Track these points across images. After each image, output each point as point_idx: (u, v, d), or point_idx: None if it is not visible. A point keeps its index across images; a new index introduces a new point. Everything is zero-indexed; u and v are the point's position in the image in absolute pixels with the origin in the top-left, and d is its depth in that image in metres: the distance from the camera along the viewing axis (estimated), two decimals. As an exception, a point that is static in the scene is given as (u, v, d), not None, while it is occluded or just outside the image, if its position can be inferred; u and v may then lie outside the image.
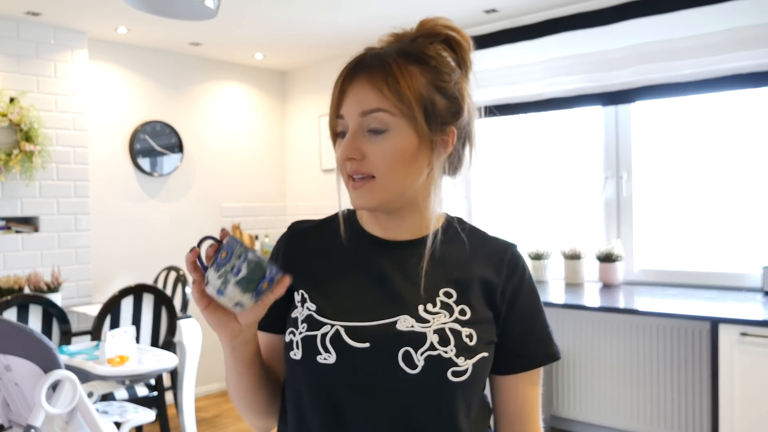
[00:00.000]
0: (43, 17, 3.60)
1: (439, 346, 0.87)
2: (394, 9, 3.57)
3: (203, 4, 1.98)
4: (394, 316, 0.90)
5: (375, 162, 0.90)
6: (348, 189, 0.93)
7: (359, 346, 0.88)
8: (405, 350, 0.87)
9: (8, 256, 3.60)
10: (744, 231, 3.30)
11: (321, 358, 0.89)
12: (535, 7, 3.59)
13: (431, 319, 0.90)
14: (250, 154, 4.94)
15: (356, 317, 0.91)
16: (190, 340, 3.56)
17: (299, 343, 0.91)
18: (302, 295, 0.95)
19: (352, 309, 0.92)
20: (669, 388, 3.29)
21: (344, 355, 0.88)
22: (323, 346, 0.89)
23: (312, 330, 0.91)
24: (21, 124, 3.51)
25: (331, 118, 0.94)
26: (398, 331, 0.89)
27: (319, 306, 0.93)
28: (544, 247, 3.73)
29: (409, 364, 0.87)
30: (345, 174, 0.93)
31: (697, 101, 3.38)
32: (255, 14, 3.66)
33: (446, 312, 0.91)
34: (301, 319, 0.93)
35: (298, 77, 5.07)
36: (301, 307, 0.94)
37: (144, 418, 2.68)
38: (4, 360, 1.93)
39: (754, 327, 2.55)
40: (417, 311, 0.90)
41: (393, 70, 0.89)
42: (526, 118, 3.93)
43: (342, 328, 0.90)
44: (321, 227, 1.04)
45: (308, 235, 1.03)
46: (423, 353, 0.87)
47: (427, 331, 0.88)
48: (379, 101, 0.88)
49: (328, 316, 0.91)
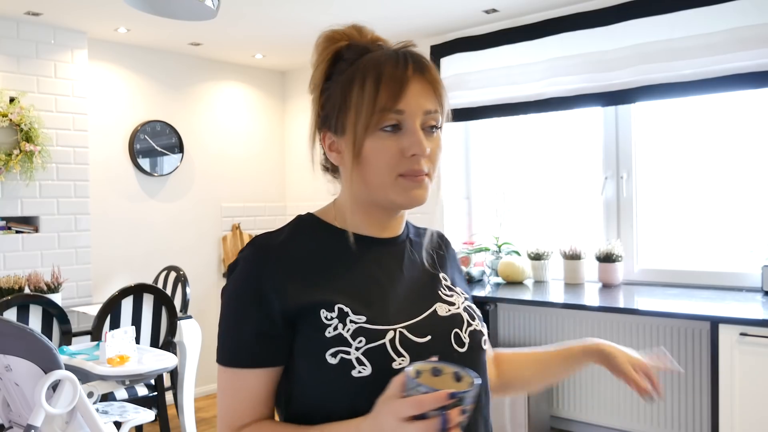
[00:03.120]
0: (43, 17, 3.60)
1: (471, 321, 0.98)
2: (394, 9, 3.57)
3: (203, 4, 1.98)
4: (431, 306, 0.96)
5: (432, 158, 0.93)
6: (398, 185, 0.91)
7: (423, 340, 0.91)
8: (455, 332, 0.95)
9: (8, 256, 3.60)
10: (744, 231, 3.30)
11: (396, 363, 0.87)
12: (535, 7, 3.59)
13: (454, 300, 0.99)
14: (250, 154, 4.94)
15: (407, 316, 0.92)
16: (190, 340, 3.56)
17: (362, 359, 0.86)
18: (340, 310, 0.89)
19: (398, 309, 0.92)
20: (669, 388, 3.29)
21: (415, 353, 0.88)
22: (396, 352, 0.87)
23: (374, 341, 0.87)
24: (21, 124, 3.52)
25: (385, 109, 0.89)
26: (443, 317, 0.95)
27: (367, 316, 0.89)
28: (544, 247, 3.73)
29: (459, 344, 0.94)
30: (397, 170, 0.90)
31: (697, 101, 3.38)
32: (255, 14, 3.66)
33: (456, 293, 1.01)
34: (348, 334, 0.87)
35: (298, 77, 5.07)
36: (341, 322, 0.88)
37: (144, 418, 2.68)
38: (4, 360, 1.93)
39: (754, 327, 2.55)
40: (442, 297, 0.98)
41: (439, 75, 0.96)
42: (526, 118, 3.93)
43: (404, 329, 0.90)
44: (295, 237, 0.96)
45: (290, 247, 0.94)
46: (466, 331, 0.96)
47: (460, 311, 0.98)
48: (435, 102, 0.93)
49: (383, 322, 0.89)
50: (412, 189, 0.91)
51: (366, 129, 0.90)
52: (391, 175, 0.90)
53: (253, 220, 4.94)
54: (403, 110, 0.90)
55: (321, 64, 0.96)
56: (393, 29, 3.87)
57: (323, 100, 0.96)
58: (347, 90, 0.92)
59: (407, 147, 0.89)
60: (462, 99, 3.91)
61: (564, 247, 3.64)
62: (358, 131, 0.90)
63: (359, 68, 0.92)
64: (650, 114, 3.55)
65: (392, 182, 0.91)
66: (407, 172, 0.90)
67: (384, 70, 0.90)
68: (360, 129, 0.90)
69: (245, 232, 4.84)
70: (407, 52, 0.93)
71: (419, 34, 4.04)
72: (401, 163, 0.90)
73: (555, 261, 3.74)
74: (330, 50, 0.96)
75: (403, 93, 0.89)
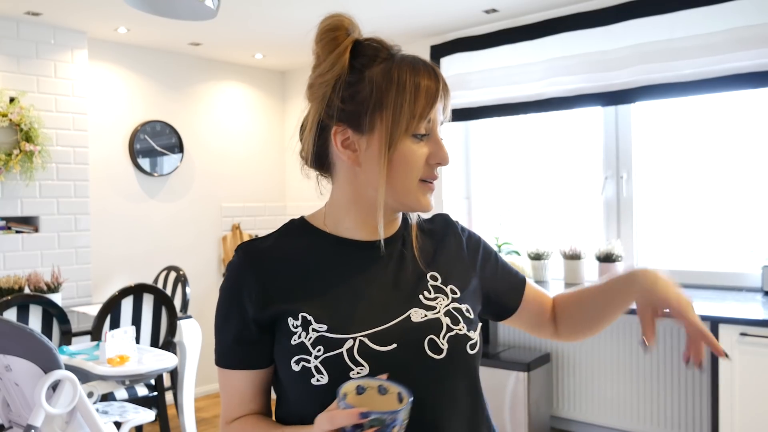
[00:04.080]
0: (43, 17, 3.60)
1: (453, 326, 0.94)
2: (394, 9, 3.57)
3: (203, 4, 1.98)
4: (405, 312, 0.94)
5: None
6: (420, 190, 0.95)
7: (386, 349, 0.89)
8: (429, 338, 0.92)
9: (8, 256, 3.60)
10: (744, 231, 3.30)
11: (353, 372, 0.87)
12: (535, 7, 3.59)
13: (435, 304, 0.96)
14: (250, 154, 4.94)
15: (372, 323, 0.91)
16: (190, 340, 3.56)
17: (319, 368, 0.88)
18: (303, 318, 0.91)
19: (364, 317, 0.91)
20: (669, 388, 3.29)
21: (376, 362, 0.88)
22: (353, 361, 0.88)
23: (331, 350, 0.88)
24: (21, 124, 3.52)
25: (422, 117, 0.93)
26: (416, 323, 0.93)
27: (329, 324, 0.90)
28: (544, 247, 3.73)
29: (434, 351, 0.92)
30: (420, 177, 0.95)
31: (697, 101, 3.38)
32: (255, 14, 3.66)
33: (442, 295, 0.98)
34: (309, 343, 0.89)
35: (298, 77, 5.07)
36: (304, 330, 0.90)
37: (144, 418, 2.68)
38: (4, 360, 1.93)
39: (753, 327, 2.55)
40: (421, 301, 0.96)
41: None
42: (526, 118, 3.93)
43: (365, 337, 0.89)
44: (281, 244, 0.98)
45: (273, 255, 0.96)
46: (444, 336, 0.93)
47: (439, 315, 0.95)
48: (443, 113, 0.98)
49: (344, 331, 0.89)
50: (429, 195, 0.97)
51: (405, 131, 0.92)
52: (415, 180, 0.94)
53: (253, 220, 4.94)
54: (432, 120, 0.94)
55: (341, 54, 0.94)
56: (393, 29, 3.87)
57: (346, 93, 0.93)
58: (384, 90, 0.92)
59: (433, 155, 0.94)
60: (462, 99, 3.91)
61: (564, 247, 3.64)
62: (394, 133, 0.92)
63: (394, 70, 0.93)
64: (650, 114, 3.55)
65: (416, 187, 0.95)
66: (428, 177, 0.95)
67: (421, 80, 0.93)
68: (398, 131, 0.92)
69: (245, 232, 4.85)
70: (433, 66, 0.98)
71: (419, 34, 4.04)
72: (425, 169, 0.95)
73: (555, 261, 3.74)
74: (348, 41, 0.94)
75: (435, 104, 0.94)
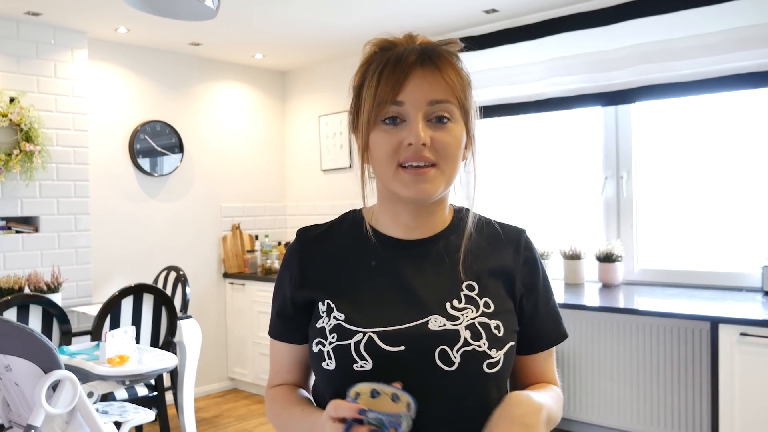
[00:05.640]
0: (43, 17, 3.60)
1: (473, 341, 0.90)
2: (394, 9, 3.57)
3: (203, 4, 1.98)
4: (424, 317, 0.91)
5: (440, 149, 0.91)
6: (400, 178, 0.91)
7: (394, 350, 0.89)
8: (441, 349, 0.89)
9: (8, 256, 3.60)
10: (744, 231, 3.30)
11: (357, 366, 0.89)
12: (535, 7, 3.59)
13: (460, 315, 0.92)
14: (250, 154, 4.94)
15: (387, 322, 0.91)
16: (190, 340, 3.56)
17: (330, 353, 0.91)
18: (328, 305, 0.94)
19: (381, 314, 0.92)
20: (669, 388, 3.29)
21: (380, 360, 0.89)
22: (358, 354, 0.89)
23: (343, 339, 0.91)
24: (21, 124, 3.52)
25: (383, 102, 0.90)
26: (431, 331, 0.90)
27: (347, 315, 0.92)
28: (544, 247, 3.73)
29: (445, 362, 0.89)
30: (397, 162, 0.90)
31: (697, 101, 3.38)
32: (255, 14, 3.66)
33: (472, 306, 0.93)
34: (329, 329, 0.93)
35: (298, 77, 5.07)
36: (327, 317, 0.94)
37: (144, 418, 2.68)
38: (4, 360, 1.93)
39: (753, 327, 2.55)
40: (445, 309, 0.93)
41: (456, 66, 0.94)
42: (526, 118, 3.93)
43: (375, 334, 0.90)
44: (331, 232, 1.02)
45: (320, 242, 1.01)
46: (459, 350, 0.89)
47: (459, 327, 0.91)
48: (446, 93, 0.91)
49: (358, 324, 0.91)
50: (418, 182, 0.90)
51: (368, 123, 0.91)
52: (391, 166, 0.91)
53: (253, 220, 4.94)
54: (402, 101, 0.90)
55: (358, 70, 0.98)
56: (393, 29, 3.86)
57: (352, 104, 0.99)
58: (361, 89, 0.95)
59: (405, 137, 0.90)
60: (462, 99, 3.90)
61: (564, 247, 3.64)
62: (362, 126, 0.93)
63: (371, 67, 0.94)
64: (650, 114, 3.55)
65: (393, 173, 0.91)
66: (405, 161, 0.90)
67: (388, 63, 0.91)
68: (363, 123, 0.92)
69: (245, 232, 4.84)
70: (421, 46, 0.94)
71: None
72: (400, 153, 0.90)
73: (555, 261, 3.74)
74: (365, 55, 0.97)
75: (403, 84, 0.90)
